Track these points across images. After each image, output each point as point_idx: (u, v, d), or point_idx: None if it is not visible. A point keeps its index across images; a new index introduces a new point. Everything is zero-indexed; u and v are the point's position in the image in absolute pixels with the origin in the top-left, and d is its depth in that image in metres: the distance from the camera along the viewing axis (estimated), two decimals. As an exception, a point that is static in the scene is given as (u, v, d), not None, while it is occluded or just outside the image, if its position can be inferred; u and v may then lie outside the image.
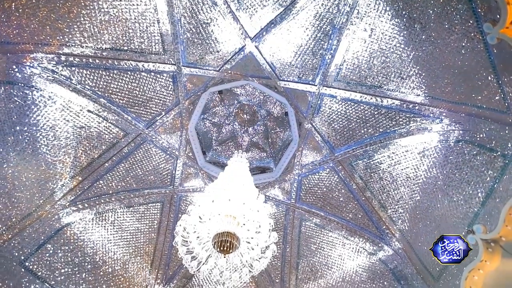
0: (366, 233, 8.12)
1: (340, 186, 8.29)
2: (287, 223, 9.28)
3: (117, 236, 8.41)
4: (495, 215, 5.06)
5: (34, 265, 6.62)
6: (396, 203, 7.36)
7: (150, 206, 8.90)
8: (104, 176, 7.90)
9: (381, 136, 7.06)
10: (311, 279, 9.00)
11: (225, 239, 3.92)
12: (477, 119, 5.30)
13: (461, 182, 5.77)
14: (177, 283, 9.19)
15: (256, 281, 9.45)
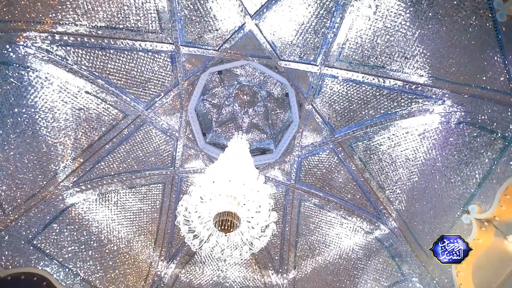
0: (363, 213, 8.31)
1: (339, 167, 8.37)
2: (286, 203, 9.48)
3: (121, 216, 8.63)
4: (490, 196, 5.16)
5: (42, 243, 6.85)
6: (394, 184, 7.47)
7: (152, 187, 9.05)
8: (105, 158, 7.96)
9: (381, 118, 7.02)
10: (309, 257, 9.35)
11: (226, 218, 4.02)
12: (480, 101, 5.24)
13: (460, 164, 5.82)
14: (180, 260, 9.57)
15: (256, 258, 9.82)
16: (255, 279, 9.63)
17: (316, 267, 9.10)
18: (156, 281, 8.98)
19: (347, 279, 8.19)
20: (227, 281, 9.51)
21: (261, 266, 9.81)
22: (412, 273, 7.02)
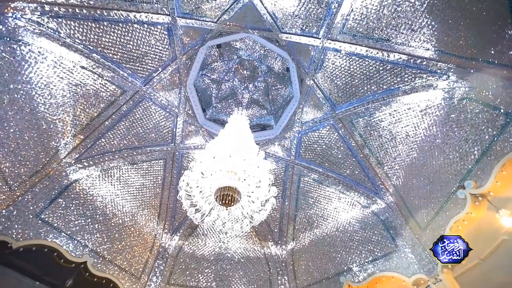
0: (361, 188, 8.50)
1: (339, 143, 8.40)
2: (286, 178, 9.65)
3: (124, 191, 8.84)
4: (487, 172, 5.24)
5: (49, 217, 7.10)
6: (393, 160, 7.54)
7: (153, 163, 9.16)
8: (106, 135, 7.97)
9: (384, 94, 6.90)
10: (307, 229, 9.72)
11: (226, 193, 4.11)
12: (485, 76, 5.11)
13: (459, 140, 5.83)
14: (183, 232, 9.97)
15: (256, 231, 10.22)
16: (255, 250, 10.10)
17: (313, 239, 9.50)
18: (161, 252, 9.43)
19: (343, 250, 8.58)
20: (229, 252, 9.98)
21: (261, 238, 10.24)
22: (405, 244, 7.32)
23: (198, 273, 9.42)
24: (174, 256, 9.58)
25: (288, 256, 9.84)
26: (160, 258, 9.30)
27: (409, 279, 6.83)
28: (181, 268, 9.44)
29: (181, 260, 9.60)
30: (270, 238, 10.14)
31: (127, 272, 8.28)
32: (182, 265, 9.51)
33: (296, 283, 9.16)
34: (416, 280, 6.75)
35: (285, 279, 9.39)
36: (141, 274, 8.67)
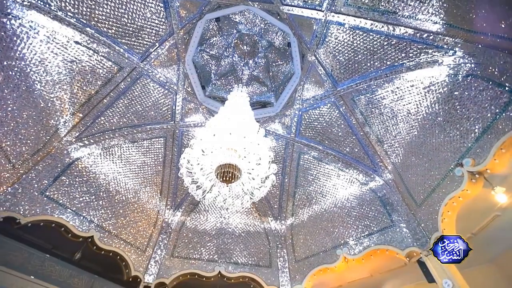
0: (360, 166, 8.59)
1: (340, 121, 8.36)
2: (286, 156, 9.73)
3: (126, 169, 8.96)
4: (486, 150, 5.26)
5: (54, 194, 7.26)
6: (393, 138, 7.54)
7: (154, 141, 9.19)
8: (105, 113, 7.91)
9: (387, 70, 6.73)
10: (306, 205, 9.98)
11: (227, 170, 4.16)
12: (493, 51, 4.94)
13: (461, 118, 5.79)
14: (185, 208, 10.25)
15: (256, 207, 10.51)
16: (256, 225, 10.45)
17: (312, 214, 9.78)
18: (164, 227, 9.76)
19: (340, 225, 8.87)
20: (230, 226, 10.33)
21: (261, 213, 10.55)
22: (400, 219, 7.56)
23: (200, 247, 9.83)
24: (177, 230, 9.94)
25: (287, 230, 10.21)
26: (164, 233, 9.65)
27: (402, 251, 7.13)
28: (184, 242, 9.83)
29: (184, 234, 9.97)
30: (270, 213, 10.44)
31: (132, 246, 8.64)
32: (185, 239, 9.90)
33: (294, 256, 9.59)
34: (409, 253, 7.06)
35: (284, 252, 9.82)
36: (146, 247, 9.05)
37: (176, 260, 9.35)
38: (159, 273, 8.86)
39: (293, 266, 9.38)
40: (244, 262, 9.67)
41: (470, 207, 6.39)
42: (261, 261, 9.75)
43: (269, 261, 9.74)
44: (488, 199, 6.11)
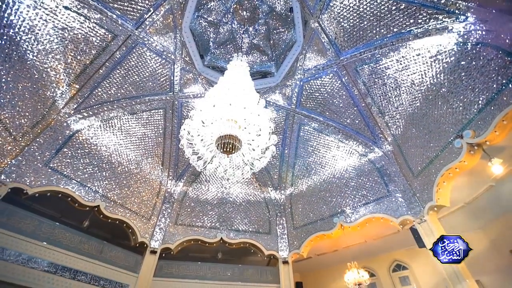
0: (360, 137, 8.61)
1: (341, 92, 8.20)
2: (286, 127, 9.72)
3: (127, 141, 8.99)
4: (488, 122, 5.22)
5: (58, 166, 7.38)
6: (395, 110, 7.46)
7: (153, 112, 9.11)
8: (102, 84, 7.73)
9: (393, 37, 6.43)
10: (305, 176, 10.19)
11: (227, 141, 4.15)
12: (506, 17, 4.68)
13: (465, 89, 5.67)
14: (187, 179, 10.49)
15: (256, 177, 10.75)
16: (256, 195, 10.78)
17: (311, 185, 10.04)
18: (167, 197, 10.08)
19: (338, 195, 9.14)
20: (231, 196, 10.66)
21: (261, 184, 10.82)
22: (397, 189, 7.77)
23: (203, 215, 10.24)
24: (179, 200, 10.28)
25: (286, 200, 10.56)
26: (167, 202, 9.99)
27: (396, 220, 7.43)
28: (187, 211, 10.22)
29: (187, 204, 10.33)
30: (270, 184, 10.71)
31: (137, 214, 8.99)
32: (187, 208, 10.27)
33: (293, 223, 10.02)
34: (402, 221, 7.36)
35: (283, 220, 10.26)
36: (150, 216, 9.43)
37: (180, 227, 9.80)
38: (164, 239, 9.34)
39: (292, 233, 9.86)
40: (244, 229, 10.14)
41: (466, 178, 6.53)
42: (261, 228, 10.22)
43: (269, 228, 10.22)
44: (484, 170, 6.22)
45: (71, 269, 6.96)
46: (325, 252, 10.60)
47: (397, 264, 10.55)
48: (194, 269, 9.22)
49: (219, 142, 4.24)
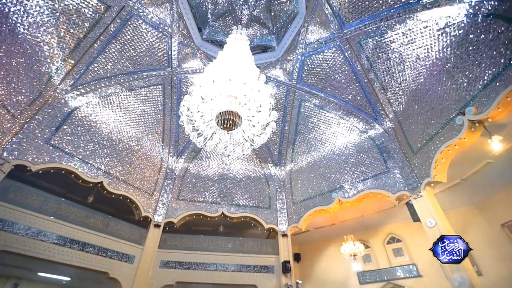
0: (361, 114, 8.54)
1: (344, 67, 7.99)
2: (287, 103, 9.61)
3: (126, 118, 8.94)
4: (491, 98, 5.14)
5: (59, 143, 7.40)
6: (398, 86, 7.32)
7: (152, 88, 8.95)
8: (97, 59, 7.52)
9: (401, 8, 6.13)
10: (305, 152, 10.27)
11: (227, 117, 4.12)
12: (521, -14, 4.42)
13: (472, 64, 5.51)
14: (187, 155, 10.58)
15: (257, 154, 10.84)
16: (256, 171, 10.94)
17: (310, 161, 10.15)
18: (169, 173, 10.24)
19: (337, 171, 9.27)
20: (231, 172, 10.83)
21: (261, 160, 10.94)
22: (395, 166, 7.85)
23: (204, 190, 10.47)
24: (181, 176, 10.45)
25: (286, 176, 10.74)
26: (169, 178, 10.17)
27: (393, 195, 7.60)
28: (188, 187, 10.44)
29: (188, 180, 10.52)
30: (270, 160, 10.83)
31: (140, 190, 9.19)
32: (189, 184, 10.48)
33: (292, 199, 10.28)
34: (399, 196, 7.53)
35: (282, 195, 10.52)
36: (153, 192, 9.65)
37: (182, 202, 10.07)
38: (167, 214, 9.65)
39: (291, 208, 10.15)
40: (245, 204, 10.43)
41: (464, 154, 6.56)
42: (261, 203, 10.51)
43: (269, 203, 10.51)
44: (483, 147, 6.25)
45: (79, 242, 7.27)
46: (323, 225, 10.98)
47: (392, 237, 10.99)
48: (197, 241, 9.63)
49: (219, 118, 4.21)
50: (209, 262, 9.09)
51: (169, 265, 8.87)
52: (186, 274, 8.78)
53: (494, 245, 8.26)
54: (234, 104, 4.20)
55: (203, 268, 8.95)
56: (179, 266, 8.90)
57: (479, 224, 8.83)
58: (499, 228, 8.23)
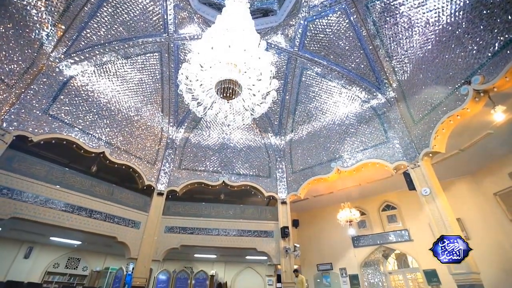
0: (364, 83, 8.34)
1: (348, 32, 7.61)
2: (288, 72, 9.33)
3: (124, 87, 8.74)
4: (500, 66, 4.96)
5: (58, 114, 7.33)
6: (404, 53, 7.04)
7: (148, 56, 8.63)
8: (89, 24, 7.14)
9: (413, -34, 5.66)
10: (306, 122, 10.23)
11: (227, 86, 4.03)
12: None
13: (484, 30, 5.22)
14: (187, 125, 10.56)
15: (257, 123, 10.81)
16: (256, 140, 11.01)
17: (311, 131, 10.15)
18: (169, 143, 10.30)
19: (337, 141, 9.31)
20: (232, 142, 10.90)
21: (261, 129, 10.95)
22: (395, 136, 7.87)
23: (205, 160, 10.64)
24: (181, 146, 10.54)
25: (286, 145, 10.83)
26: (170, 148, 10.27)
27: (391, 165, 7.72)
28: (189, 156, 10.58)
29: (189, 150, 10.62)
30: (270, 129, 10.84)
31: (142, 160, 9.33)
32: (190, 154, 10.61)
33: (292, 168, 10.49)
34: (397, 166, 7.66)
35: (282, 165, 10.71)
36: (155, 161, 9.80)
37: (183, 171, 10.29)
38: (170, 183, 9.91)
39: (290, 177, 10.40)
40: (245, 173, 10.66)
41: (465, 125, 6.53)
42: (261, 172, 10.74)
43: (269, 172, 10.74)
44: (485, 117, 6.20)
45: (86, 209, 7.57)
46: (321, 194, 11.34)
47: (387, 204, 11.41)
48: (199, 208, 10.04)
49: (219, 87, 4.12)
50: (212, 227, 9.57)
51: (173, 230, 9.35)
52: (190, 239, 9.29)
53: (485, 213, 8.60)
54: (234, 72, 4.08)
55: (206, 233, 9.45)
56: (183, 231, 9.38)
57: (472, 193, 9.10)
58: (491, 197, 8.50)
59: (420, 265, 9.45)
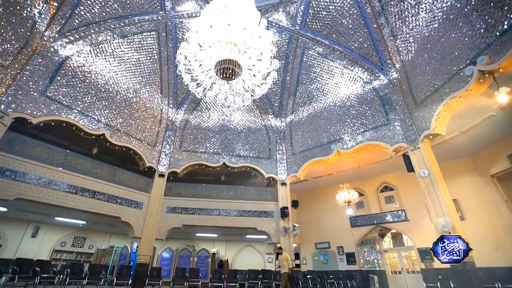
0: (367, 63, 8.15)
1: (352, 10, 7.32)
2: (289, 51, 9.08)
3: (121, 68, 8.55)
4: (507, 46, 4.81)
5: (55, 95, 7.22)
6: (409, 32, 6.81)
7: (145, 35, 8.37)
8: (82, 1, 6.86)
9: None
10: (306, 103, 10.12)
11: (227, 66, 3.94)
12: None
13: (495, 6, 5.00)
14: (187, 107, 10.46)
15: (257, 105, 10.70)
16: (256, 122, 10.96)
17: (311, 112, 10.07)
18: (169, 125, 10.26)
19: (338, 123, 9.26)
20: (232, 123, 10.85)
21: (261, 111, 10.86)
22: (396, 118, 7.81)
23: (205, 141, 10.65)
24: (181, 128, 10.51)
25: (286, 127, 10.80)
26: (170, 130, 10.25)
27: (391, 147, 7.74)
28: (189, 138, 10.58)
29: (189, 131, 10.60)
30: (271, 111, 10.75)
31: (142, 142, 9.34)
32: (190, 135, 10.60)
33: (292, 149, 10.53)
34: (397, 148, 7.68)
35: (282, 146, 10.74)
36: (155, 143, 9.82)
37: (184, 153, 10.34)
38: (170, 164, 9.99)
39: (290, 158, 10.47)
40: (245, 154, 10.72)
41: (468, 107, 6.46)
42: (261, 154, 10.80)
43: (269, 154, 10.80)
44: (488, 99, 6.11)
45: (89, 190, 7.69)
46: (320, 175, 11.46)
47: (385, 186, 11.57)
48: (200, 189, 10.20)
49: (218, 67, 4.03)
50: (212, 208, 9.78)
51: (175, 211, 9.56)
52: (191, 218, 9.53)
53: (481, 194, 8.74)
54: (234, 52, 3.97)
55: (207, 213, 9.67)
56: (184, 211, 9.60)
57: (470, 174, 9.19)
58: (488, 178, 8.60)
59: (415, 244, 9.76)
